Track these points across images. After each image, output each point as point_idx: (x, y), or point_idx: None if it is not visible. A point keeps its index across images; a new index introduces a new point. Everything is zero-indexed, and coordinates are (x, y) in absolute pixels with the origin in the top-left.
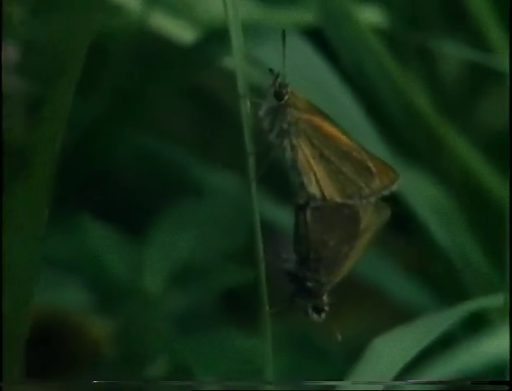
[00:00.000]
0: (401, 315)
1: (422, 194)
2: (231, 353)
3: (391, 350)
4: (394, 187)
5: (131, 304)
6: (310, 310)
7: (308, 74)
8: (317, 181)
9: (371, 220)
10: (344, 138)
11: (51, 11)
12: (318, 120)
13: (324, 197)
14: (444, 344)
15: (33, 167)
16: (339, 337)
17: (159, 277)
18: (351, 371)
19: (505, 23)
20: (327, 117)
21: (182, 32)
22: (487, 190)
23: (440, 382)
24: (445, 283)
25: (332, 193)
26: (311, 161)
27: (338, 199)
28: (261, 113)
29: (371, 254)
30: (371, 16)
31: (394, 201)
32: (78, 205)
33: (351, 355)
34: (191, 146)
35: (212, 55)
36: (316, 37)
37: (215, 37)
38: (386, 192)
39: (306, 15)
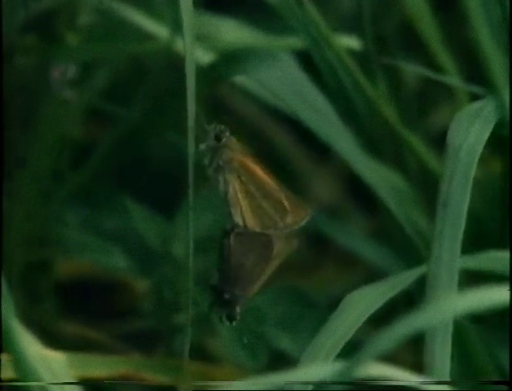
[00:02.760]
0: (370, 274)
1: (385, 180)
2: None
3: (361, 303)
4: (303, 223)
5: (163, 266)
6: (223, 318)
7: (296, 88)
8: (241, 212)
9: (282, 248)
10: (267, 179)
11: (99, 38)
12: (248, 162)
13: (245, 226)
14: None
15: None
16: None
17: (185, 246)
18: (329, 319)
19: (451, 48)
20: (256, 160)
21: (201, 54)
22: (434, 175)
23: (440, 382)
24: (405, 249)
25: (252, 224)
26: (239, 195)
27: (257, 229)
28: (202, 149)
29: (349, 227)
30: (347, 42)
31: (363, 184)
32: (122, 188)
33: (335, 306)
34: None
35: (224, 73)
36: (304, 58)
37: (227, 59)
38: (296, 227)
39: (296, 41)
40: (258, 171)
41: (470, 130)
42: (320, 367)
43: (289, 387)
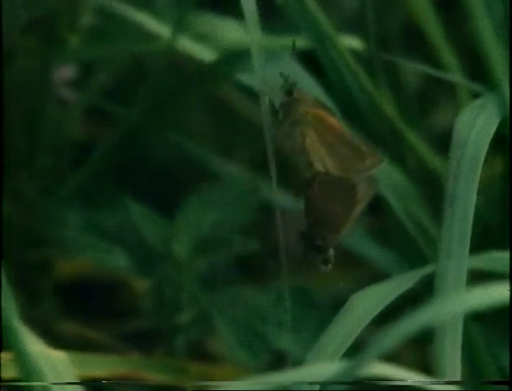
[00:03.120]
0: (373, 273)
1: (386, 177)
2: (243, 305)
3: (366, 303)
4: (381, 166)
5: (164, 266)
6: (319, 263)
7: (301, 87)
8: (322, 159)
9: (364, 191)
10: (342, 128)
11: (100, 39)
12: (321, 113)
13: (327, 172)
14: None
15: None
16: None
17: (186, 245)
18: (334, 320)
19: (453, 46)
20: (329, 110)
21: (203, 53)
22: (436, 173)
23: (440, 382)
24: (407, 249)
25: (334, 169)
26: (317, 145)
27: (339, 174)
28: (276, 106)
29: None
30: (350, 42)
31: None
32: (122, 188)
33: (337, 306)
34: (211, 143)
35: (227, 72)
36: (308, 57)
37: (230, 57)
38: (375, 169)
39: (300, 41)
40: (332, 121)
41: (475, 126)
42: (325, 367)
43: (296, 387)
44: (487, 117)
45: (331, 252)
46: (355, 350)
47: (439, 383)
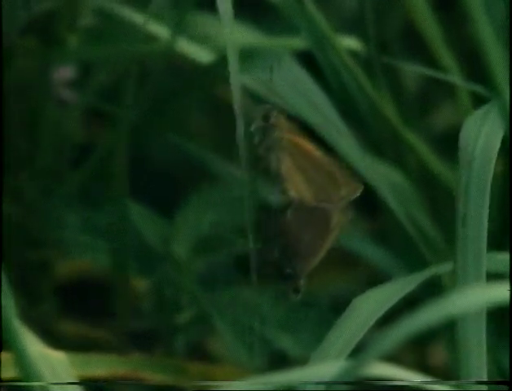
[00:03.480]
0: (372, 275)
1: (385, 178)
2: (242, 305)
3: (367, 307)
4: (357, 194)
5: (164, 266)
6: (290, 292)
7: (299, 88)
8: (296, 187)
9: (338, 220)
10: (319, 154)
11: (99, 40)
12: (298, 139)
13: (302, 200)
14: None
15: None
16: None
17: (185, 246)
18: (337, 323)
19: (452, 48)
20: (305, 137)
21: (202, 54)
22: (436, 175)
23: (439, 382)
24: (406, 251)
25: (308, 197)
26: (292, 171)
27: (313, 202)
28: (252, 129)
29: (350, 228)
30: (349, 43)
31: (364, 185)
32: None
33: (336, 307)
34: (211, 143)
35: (225, 73)
36: (306, 58)
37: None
38: (351, 198)
39: (299, 42)
40: (309, 147)
41: (480, 139)
42: (326, 367)
43: (301, 387)
44: (491, 129)
45: (301, 281)
46: (357, 353)
47: (438, 383)
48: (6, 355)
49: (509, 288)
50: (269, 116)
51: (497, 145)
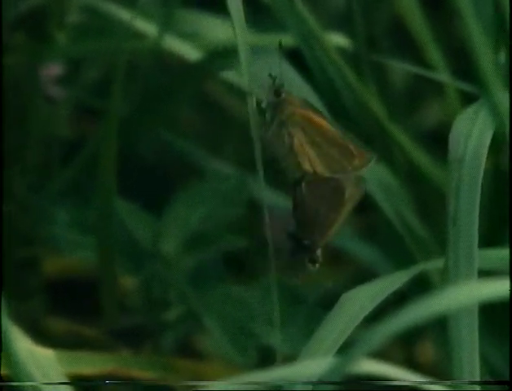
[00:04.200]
0: (359, 271)
1: (373, 176)
2: (232, 302)
3: (357, 303)
4: (370, 166)
5: (152, 263)
6: (306, 262)
7: (287, 85)
8: (310, 160)
9: (352, 192)
10: (330, 128)
11: (88, 37)
12: (309, 113)
13: (315, 172)
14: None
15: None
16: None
17: (174, 242)
18: (326, 319)
19: (440, 45)
20: (317, 111)
21: (190, 51)
22: (424, 172)
23: (439, 382)
24: (395, 248)
25: (321, 169)
26: (305, 146)
27: (327, 174)
28: (263, 106)
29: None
30: (337, 40)
31: None
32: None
33: (325, 303)
34: (200, 140)
35: (213, 70)
36: (294, 55)
37: (216, 56)
38: (364, 169)
39: (286, 39)
40: (321, 121)
41: (470, 138)
42: (314, 365)
43: (290, 387)
44: (482, 127)
45: (319, 251)
46: (346, 349)
47: (435, 383)
48: None
49: (509, 287)
50: (280, 91)
51: (487, 143)
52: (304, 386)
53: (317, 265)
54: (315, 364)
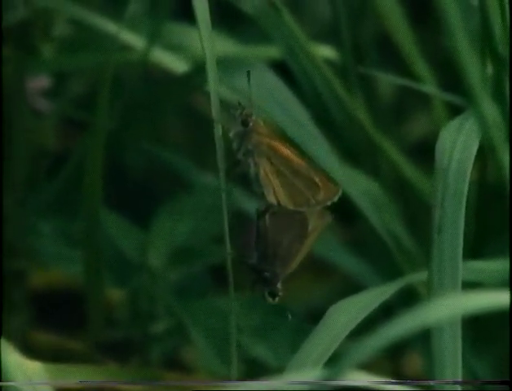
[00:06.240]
0: (346, 283)
1: (361, 187)
2: (216, 313)
3: (345, 315)
4: (336, 198)
5: (139, 276)
6: (266, 295)
7: (274, 96)
8: (275, 192)
9: (317, 224)
10: (297, 159)
11: (75, 50)
12: (276, 144)
13: (279, 205)
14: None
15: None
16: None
17: (161, 255)
18: (313, 332)
19: (427, 57)
20: (284, 141)
21: (176, 64)
22: (411, 184)
23: (440, 381)
24: (381, 259)
25: (286, 202)
26: (270, 176)
27: (291, 207)
28: (230, 135)
29: (324, 236)
30: (324, 51)
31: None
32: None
33: (311, 316)
34: (186, 152)
35: (200, 82)
36: (281, 68)
37: (202, 68)
38: (329, 202)
39: (273, 51)
40: (287, 152)
41: (455, 149)
42: (301, 377)
43: None
44: (467, 138)
45: (279, 285)
46: (333, 362)
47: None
48: None
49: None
50: (248, 120)
51: (473, 154)
52: None
53: (277, 298)
54: (302, 377)
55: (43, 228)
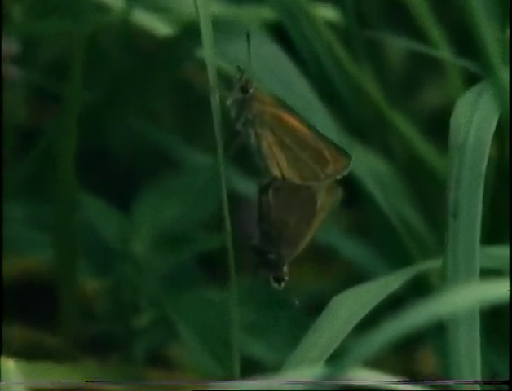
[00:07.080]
0: (350, 272)
1: (368, 166)
2: (206, 306)
3: (349, 308)
4: (345, 172)
5: (121, 265)
6: (271, 280)
7: (270, 64)
8: (279, 165)
9: (325, 200)
10: (303, 129)
11: (47, 12)
12: (280, 113)
13: (284, 179)
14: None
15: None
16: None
17: (145, 242)
18: (315, 324)
19: (440, 21)
20: (289, 110)
21: (161, 27)
22: (424, 162)
23: (439, 381)
24: (389, 246)
25: (291, 176)
26: (274, 148)
27: (297, 181)
28: (228, 103)
29: (326, 222)
30: (325, 13)
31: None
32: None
33: (312, 307)
34: (173, 129)
35: (189, 48)
36: (278, 31)
37: (191, 32)
38: (338, 177)
39: (269, 13)
40: (293, 122)
41: (472, 124)
42: (303, 373)
43: None
44: (485, 111)
45: (285, 268)
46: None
47: (433, 383)
48: None
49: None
50: (248, 87)
51: (492, 128)
52: None
53: (283, 284)
54: (301, 374)
55: (13, 212)
